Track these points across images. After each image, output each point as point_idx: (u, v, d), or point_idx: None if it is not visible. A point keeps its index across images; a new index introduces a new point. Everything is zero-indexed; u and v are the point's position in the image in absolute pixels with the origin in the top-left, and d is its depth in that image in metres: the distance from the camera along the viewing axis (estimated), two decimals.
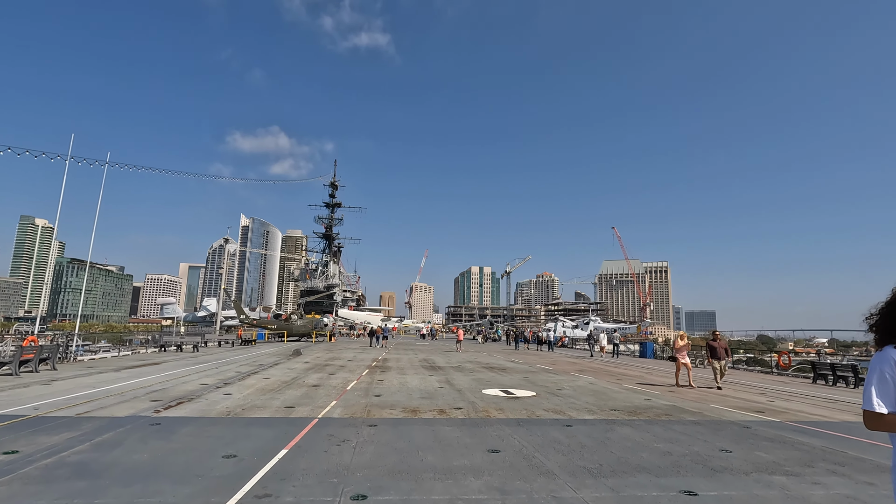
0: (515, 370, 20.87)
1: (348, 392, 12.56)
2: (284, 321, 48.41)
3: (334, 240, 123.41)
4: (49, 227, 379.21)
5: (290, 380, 14.86)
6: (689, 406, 11.82)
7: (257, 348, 33.39)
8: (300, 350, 31.01)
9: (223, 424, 8.23)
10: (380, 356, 27.42)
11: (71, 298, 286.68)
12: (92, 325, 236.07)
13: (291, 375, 16.12)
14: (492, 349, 40.91)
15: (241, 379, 14.78)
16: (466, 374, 18.23)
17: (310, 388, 13.00)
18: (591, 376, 19.08)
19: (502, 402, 11.63)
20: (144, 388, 12.32)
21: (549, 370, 21.55)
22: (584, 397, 12.80)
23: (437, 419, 9.21)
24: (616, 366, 25.93)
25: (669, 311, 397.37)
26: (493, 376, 17.83)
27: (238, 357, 24.26)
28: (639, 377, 19.57)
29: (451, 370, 19.98)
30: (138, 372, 16.34)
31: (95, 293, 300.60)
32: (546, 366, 24.09)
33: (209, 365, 19.47)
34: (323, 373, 17.35)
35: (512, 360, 27.91)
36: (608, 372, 21.58)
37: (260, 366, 19.56)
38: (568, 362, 27.35)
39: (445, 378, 16.79)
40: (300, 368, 18.76)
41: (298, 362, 21.78)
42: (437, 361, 24.70)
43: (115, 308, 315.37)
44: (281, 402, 10.60)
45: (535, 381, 16.72)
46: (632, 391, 14.55)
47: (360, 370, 18.90)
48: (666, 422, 9.60)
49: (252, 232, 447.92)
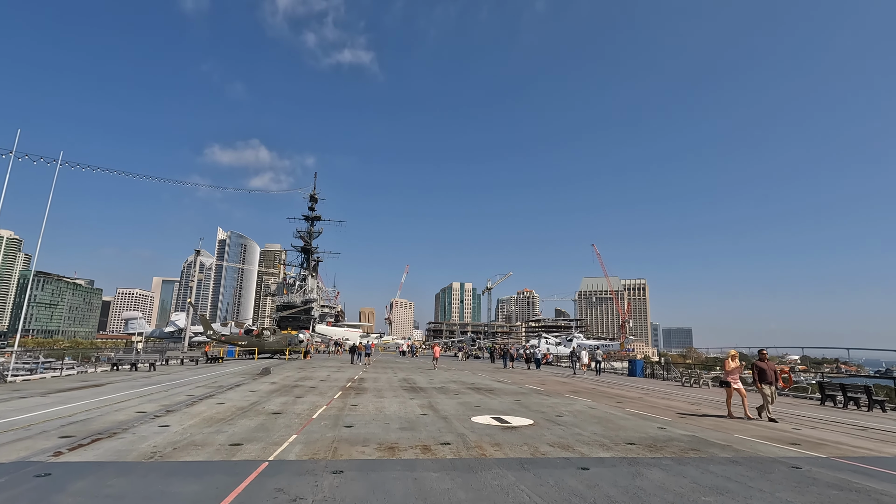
0: (504, 391, 19.06)
1: (314, 421, 10.59)
2: (256, 337, 45.59)
3: (313, 253, 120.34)
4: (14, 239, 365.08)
5: (247, 405, 12.78)
6: (712, 436, 10.20)
7: (223, 366, 30.84)
8: (269, 369, 28.61)
9: (137, 474, 6.23)
10: (356, 375, 25.30)
11: (35, 313, 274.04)
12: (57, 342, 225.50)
13: (251, 400, 14.02)
14: (475, 367, 39.00)
15: (190, 405, 12.64)
16: (451, 397, 16.34)
17: (268, 417, 10.98)
18: (587, 398, 17.39)
19: (497, 433, 9.83)
20: (63, 419, 10.14)
21: (539, 391, 19.80)
22: (589, 426, 11.07)
23: (421, 460, 7.36)
24: (610, 386, 24.33)
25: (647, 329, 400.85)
26: (482, 399, 16.00)
27: (198, 377, 21.89)
28: (638, 399, 17.96)
29: (435, 392, 18.07)
30: (69, 396, 14.02)
31: (62, 307, 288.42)
32: (535, 386, 22.35)
33: (160, 387, 17.17)
34: (289, 396, 15.27)
35: (498, 379, 26.09)
36: (604, 393, 19.94)
37: (219, 388, 17.33)
38: (557, 381, 25.65)
39: (428, 402, 14.89)
40: (264, 391, 16.62)
41: (264, 383, 19.58)
42: (418, 381, 22.73)
43: (83, 323, 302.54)
44: (227, 438, 8.60)
45: (529, 404, 14.94)
46: (639, 417, 12.89)
47: (332, 392, 16.85)
48: (697, 460, 7.92)
49: (229, 246, 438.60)
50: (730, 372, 13.73)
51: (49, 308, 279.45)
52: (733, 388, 13.53)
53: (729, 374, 13.74)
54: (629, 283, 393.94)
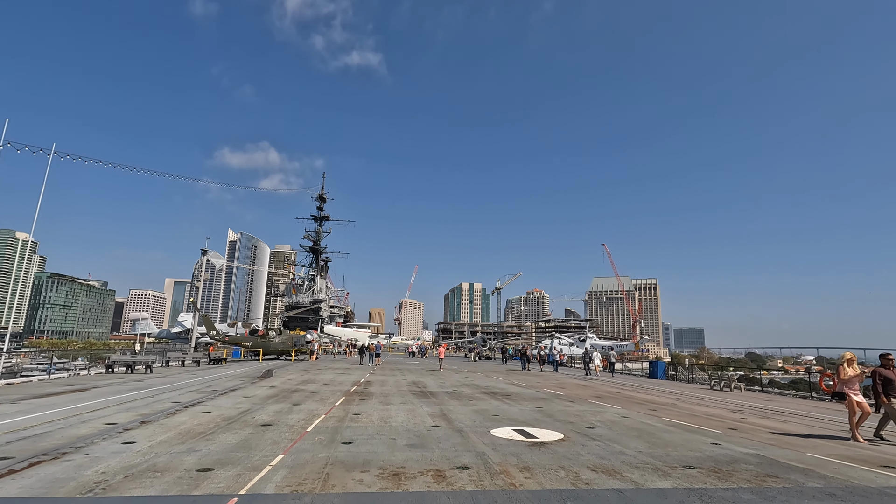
0: (522, 397, 17.42)
1: (307, 436, 9.06)
2: (261, 338, 44.30)
3: (322, 253, 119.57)
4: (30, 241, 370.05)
5: (236, 415, 11.30)
6: (781, 456, 8.50)
7: (225, 368, 29.53)
8: (272, 371, 27.27)
9: None
10: (362, 378, 23.80)
11: (49, 314, 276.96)
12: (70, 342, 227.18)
13: (242, 408, 12.54)
14: (487, 369, 37.35)
15: (171, 414, 11.18)
16: (465, 404, 14.76)
17: (255, 430, 9.47)
18: (615, 405, 15.71)
19: (524, 452, 8.22)
20: (14, 433, 8.71)
21: (561, 396, 18.15)
22: (629, 441, 9.43)
23: (434, 493, 5.78)
24: (635, 389, 22.57)
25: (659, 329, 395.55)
26: (499, 406, 14.38)
27: (193, 381, 20.53)
28: (671, 405, 16.24)
29: (446, 397, 16.49)
30: (42, 403, 12.64)
31: (75, 309, 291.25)
32: (555, 390, 20.69)
33: (148, 392, 15.78)
34: (286, 402, 13.78)
35: (513, 382, 24.44)
36: (631, 398, 18.23)
37: (212, 393, 15.91)
38: (577, 385, 23.95)
39: (440, 409, 13.32)
40: (260, 396, 15.15)
41: (262, 387, 18.14)
42: (428, 385, 21.17)
43: (97, 324, 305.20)
44: (198, 460, 7.09)
45: (552, 412, 13.31)
46: (682, 428, 11.20)
47: (334, 398, 15.35)
48: (783, 492, 6.25)
49: (240, 247, 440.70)
50: (848, 381, 10.99)
51: (63, 309, 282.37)
52: (855, 401, 10.66)
53: (846, 383, 11.02)
54: (640, 283, 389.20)
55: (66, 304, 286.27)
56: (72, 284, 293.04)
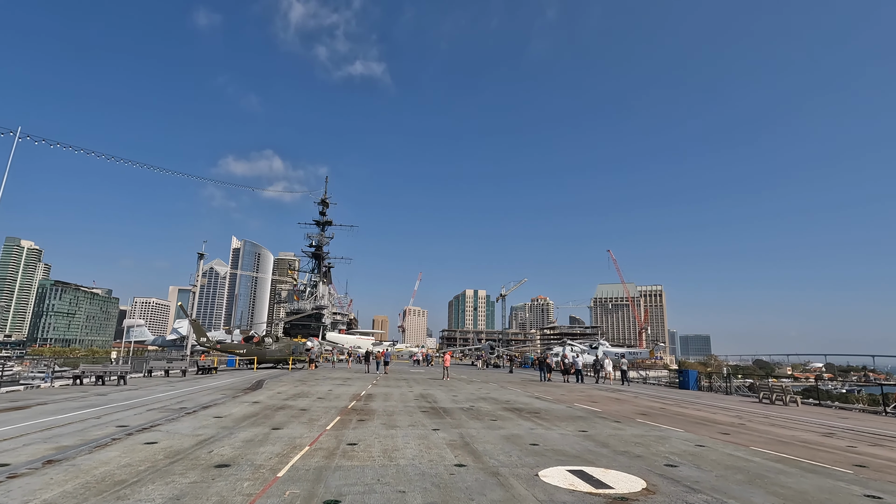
0: (555, 415, 14.44)
1: (276, 486, 6.14)
2: (256, 345, 41.35)
3: (324, 259, 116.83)
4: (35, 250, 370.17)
5: (189, 447, 8.39)
6: None
7: (213, 379, 26.64)
8: (263, 382, 24.37)
9: None
10: (363, 391, 20.83)
11: (53, 322, 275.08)
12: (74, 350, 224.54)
13: (204, 435, 9.64)
14: (499, 378, 34.30)
15: (100, 447, 8.27)
16: (490, 426, 11.78)
17: (203, 476, 6.56)
18: (671, 425, 12.72)
19: None
20: None
21: (599, 413, 15.16)
22: (745, 492, 6.47)
23: None
24: (678, 404, 19.53)
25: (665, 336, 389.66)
26: (533, 430, 11.40)
27: (166, 395, 17.66)
28: (739, 426, 13.24)
29: (464, 416, 13.53)
30: None
31: (79, 317, 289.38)
32: (585, 404, 17.70)
33: (98, 411, 12.90)
34: (263, 426, 10.85)
35: (535, 395, 21.43)
36: (684, 416, 15.22)
37: (179, 411, 13.02)
38: (609, 398, 20.92)
39: (459, 434, 10.38)
40: (234, 417, 12.24)
41: (243, 403, 15.24)
42: (439, 399, 18.20)
43: (100, 332, 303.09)
44: None
45: (604, 439, 10.35)
46: (796, 466, 8.21)
47: (327, 417, 12.43)
48: None
49: (243, 254, 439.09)
50: None
51: (67, 317, 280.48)
52: None
53: None
54: (645, 290, 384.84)
55: (69, 312, 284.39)
56: (75, 292, 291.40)
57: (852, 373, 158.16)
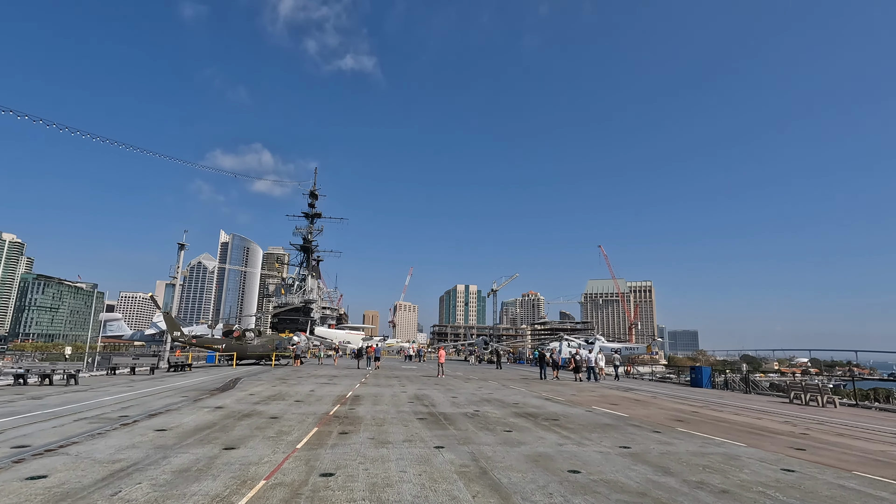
0: (576, 422, 12.02)
1: None
2: (236, 340, 38.55)
3: (313, 252, 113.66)
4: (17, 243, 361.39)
5: (88, 486, 5.83)
6: None
7: (183, 377, 23.93)
8: (238, 380, 21.75)
9: None
10: (349, 392, 18.28)
11: (35, 317, 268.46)
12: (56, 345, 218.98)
13: (126, 461, 7.06)
14: (497, 375, 31.93)
15: None
16: (506, 441, 9.32)
17: None
18: (722, 436, 10.37)
19: None
20: None
21: (627, 418, 12.81)
22: None
23: None
24: (706, 405, 17.24)
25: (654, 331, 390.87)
26: (562, 446, 8.95)
27: (117, 398, 14.99)
28: (801, 436, 10.94)
29: (470, 425, 11.07)
30: None
31: (62, 311, 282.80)
32: (605, 407, 15.34)
33: (9, 422, 10.25)
34: (213, 445, 8.28)
35: (543, 395, 19.05)
36: (726, 423, 12.91)
37: (116, 420, 10.41)
38: (628, 399, 18.60)
39: (470, 453, 7.93)
40: (181, 430, 9.64)
41: (204, 409, 12.64)
42: (437, 401, 15.73)
43: (84, 327, 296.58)
44: None
45: (658, 460, 7.94)
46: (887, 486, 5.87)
47: (301, 429, 9.90)
48: None
49: (232, 249, 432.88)
50: None
51: (50, 312, 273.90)
52: None
53: None
54: (635, 286, 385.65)
55: (52, 307, 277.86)
56: (59, 286, 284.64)
57: (837, 367, 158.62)
